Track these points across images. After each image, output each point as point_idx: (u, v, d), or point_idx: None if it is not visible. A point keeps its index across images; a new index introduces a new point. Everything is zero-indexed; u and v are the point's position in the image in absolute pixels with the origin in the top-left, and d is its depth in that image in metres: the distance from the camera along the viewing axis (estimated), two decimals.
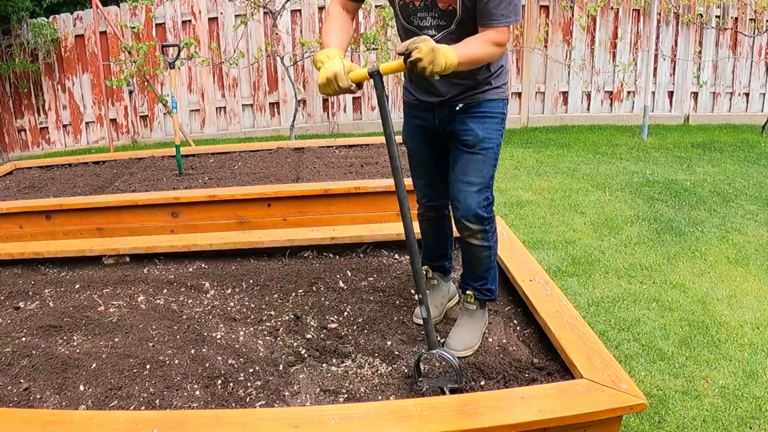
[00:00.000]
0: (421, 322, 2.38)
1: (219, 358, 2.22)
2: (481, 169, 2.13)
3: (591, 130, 7.36)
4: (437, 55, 1.77)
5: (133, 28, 7.01)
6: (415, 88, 2.23)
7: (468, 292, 2.30)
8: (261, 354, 2.26)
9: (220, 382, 2.09)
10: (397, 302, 2.61)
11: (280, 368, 2.17)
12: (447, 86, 2.11)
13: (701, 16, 7.48)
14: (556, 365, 2.08)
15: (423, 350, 2.08)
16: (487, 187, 2.15)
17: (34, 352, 2.28)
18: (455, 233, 2.42)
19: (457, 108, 2.15)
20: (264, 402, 2.00)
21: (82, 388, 2.08)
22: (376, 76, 1.87)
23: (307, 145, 5.04)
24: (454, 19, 2.02)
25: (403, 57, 1.80)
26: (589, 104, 7.72)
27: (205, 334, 2.38)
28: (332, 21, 2.12)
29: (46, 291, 2.81)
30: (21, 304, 2.69)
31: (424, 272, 2.51)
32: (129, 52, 6.59)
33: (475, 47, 1.94)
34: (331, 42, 2.02)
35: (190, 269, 2.96)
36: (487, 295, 2.31)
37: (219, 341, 2.33)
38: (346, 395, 2.02)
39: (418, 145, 2.31)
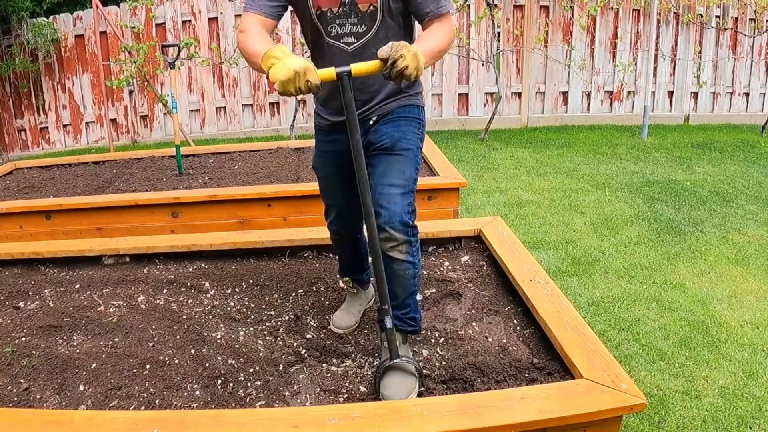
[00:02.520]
0: (338, 331, 2.38)
1: (219, 358, 2.22)
2: (403, 171, 1.99)
3: (591, 130, 7.36)
4: (419, 59, 1.72)
5: (133, 28, 7.00)
6: (330, 112, 2.12)
7: (389, 326, 1.97)
8: (261, 354, 2.26)
9: (220, 382, 2.09)
10: None
11: (280, 368, 2.17)
12: (366, 97, 2.02)
13: (701, 16, 7.48)
14: (556, 365, 2.08)
15: (385, 361, 1.99)
16: (411, 191, 2.00)
17: (34, 352, 2.28)
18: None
19: (371, 122, 2.07)
20: (264, 402, 2.00)
21: (82, 388, 2.08)
22: (345, 77, 1.77)
23: (307, 145, 5.04)
24: (375, 22, 1.95)
25: (383, 62, 1.72)
26: (589, 104, 7.72)
27: (205, 334, 2.38)
28: (255, 35, 1.92)
29: (46, 291, 2.81)
30: (21, 304, 2.69)
31: (345, 281, 2.51)
32: (129, 52, 6.59)
33: (433, 40, 1.88)
34: (267, 46, 1.82)
35: (190, 269, 2.96)
36: (411, 325, 2.09)
37: (219, 341, 2.33)
38: (346, 395, 2.02)
39: (330, 171, 2.21)
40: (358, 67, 1.77)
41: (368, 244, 1.93)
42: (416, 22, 2.08)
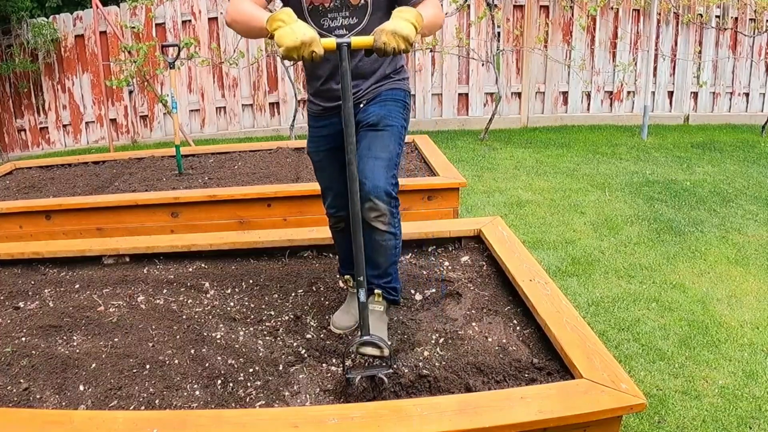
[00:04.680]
0: (338, 331, 2.38)
1: (219, 358, 2.22)
2: (387, 145, 2.09)
3: (591, 130, 7.36)
4: (398, 38, 1.79)
5: (133, 28, 7.00)
6: (322, 99, 2.22)
7: (376, 291, 2.17)
8: (261, 354, 2.26)
9: (220, 382, 2.09)
10: None
11: (280, 368, 2.17)
12: (357, 83, 2.12)
13: (701, 16, 7.48)
14: (556, 365, 2.08)
15: (356, 340, 2.01)
16: (395, 165, 2.10)
17: (34, 352, 2.28)
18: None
19: (361, 105, 2.17)
20: (264, 402, 2.00)
21: (82, 388, 2.08)
22: (344, 47, 1.86)
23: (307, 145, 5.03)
24: (365, 15, 2.04)
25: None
26: (589, 104, 7.72)
27: (205, 334, 2.38)
28: (248, 5, 1.97)
29: (46, 291, 2.81)
30: (21, 304, 2.69)
31: (345, 280, 2.51)
32: (129, 52, 6.59)
33: (431, 9, 1.95)
34: (265, 12, 1.89)
35: (190, 269, 2.96)
36: (392, 295, 2.22)
37: (219, 341, 2.33)
38: (346, 395, 2.02)
39: (324, 155, 2.29)
40: (356, 40, 1.88)
41: (350, 212, 1.97)
42: None
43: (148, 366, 2.18)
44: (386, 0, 2.07)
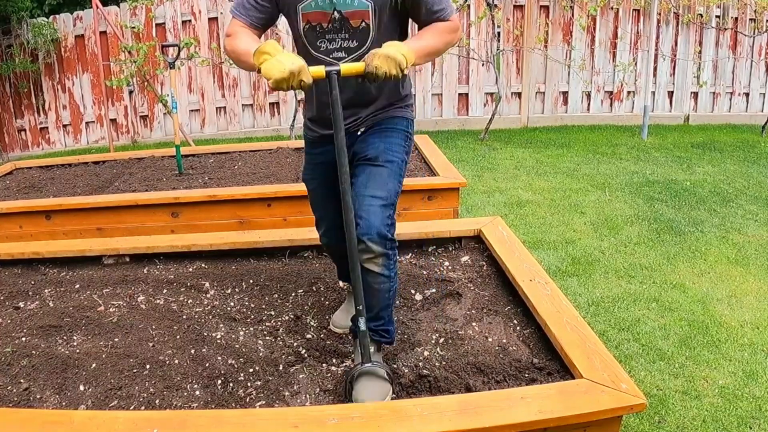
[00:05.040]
0: (338, 330, 2.39)
1: (219, 358, 2.22)
2: (386, 183, 1.97)
3: (591, 130, 7.36)
4: (390, 61, 1.76)
5: (133, 28, 7.00)
6: (318, 125, 2.15)
7: (362, 329, 2.00)
8: (261, 354, 2.26)
9: (220, 382, 2.09)
10: (397, 302, 2.61)
11: (280, 368, 2.17)
12: (350, 112, 2.03)
13: (701, 16, 7.48)
14: (556, 365, 2.08)
15: (358, 366, 1.96)
16: (392, 204, 1.98)
17: (34, 352, 2.28)
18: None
19: (359, 132, 2.09)
20: (264, 402, 2.00)
21: (82, 388, 2.08)
22: (333, 75, 1.83)
23: None
24: (367, 38, 1.95)
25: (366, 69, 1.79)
26: (589, 104, 7.72)
27: (205, 334, 2.38)
28: (243, 36, 1.97)
29: (46, 291, 2.81)
30: (21, 304, 2.69)
31: (343, 285, 2.50)
32: (129, 52, 6.59)
33: (430, 38, 1.90)
34: (256, 44, 1.85)
35: (190, 269, 2.96)
36: (384, 337, 2.09)
37: (219, 341, 2.33)
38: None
39: (319, 183, 2.22)
40: (346, 67, 1.83)
41: (347, 244, 1.92)
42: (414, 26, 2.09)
43: (148, 366, 2.18)
44: (394, 24, 1.98)
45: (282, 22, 6.97)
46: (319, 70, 1.81)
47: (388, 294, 2.03)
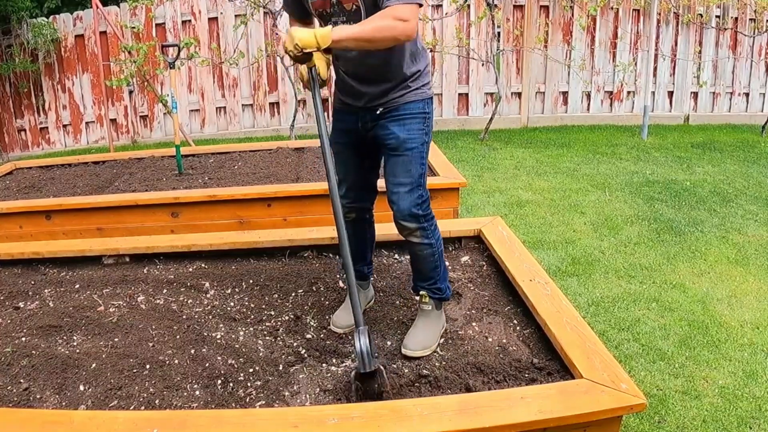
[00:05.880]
0: (338, 330, 2.41)
1: (219, 358, 2.22)
2: (409, 169, 2.19)
3: (591, 130, 7.36)
4: (288, 39, 1.99)
5: (133, 28, 7.00)
6: (342, 93, 2.33)
7: (421, 293, 2.34)
8: (261, 354, 2.26)
9: (220, 382, 2.09)
10: (397, 302, 2.61)
11: (280, 368, 2.17)
12: (365, 86, 2.20)
13: (701, 16, 7.48)
14: (556, 365, 2.08)
15: (361, 370, 1.96)
16: (419, 185, 2.20)
17: (34, 352, 2.28)
18: (376, 238, 2.58)
19: (378, 112, 2.22)
20: (264, 402, 2.00)
21: (82, 388, 2.08)
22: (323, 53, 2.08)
23: (307, 145, 5.04)
24: (360, 19, 2.09)
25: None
26: (589, 104, 7.72)
27: (205, 334, 2.38)
28: (294, 26, 2.24)
29: (46, 291, 2.81)
30: (21, 304, 2.69)
31: (343, 285, 2.55)
32: (129, 52, 6.59)
33: (366, 23, 2.00)
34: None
35: (190, 269, 2.96)
36: (438, 294, 2.34)
37: (219, 341, 2.33)
38: (346, 395, 2.02)
39: (342, 147, 2.37)
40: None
41: (333, 206, 2.07)
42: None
43: (148, 366, 2.18)
44: (379, 5, 2.12)
45: (282, 21, 6.99)
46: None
47: (434, 257, 2.29)
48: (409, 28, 1.97)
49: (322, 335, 2.38)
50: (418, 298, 2.37)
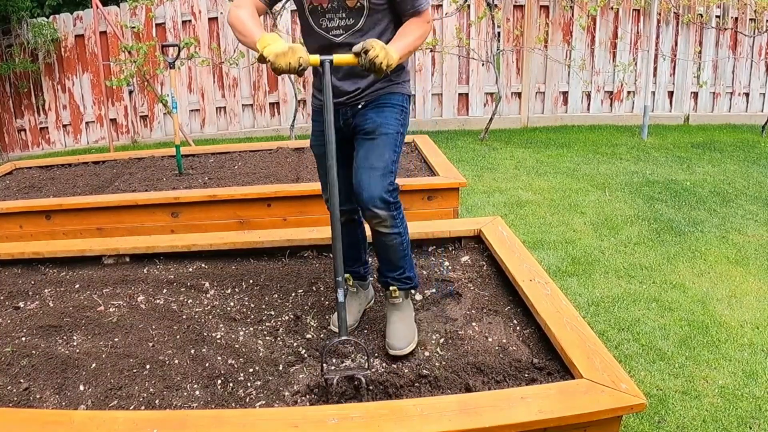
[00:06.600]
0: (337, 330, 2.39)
1: (219, 358, 2.22)
2: (383, 154, 2.18)
3: (591, 130, 7.36)
4: (388, 51, 1.96)
5: (133, 28, 7.00)
6: (322, 94, 2.29)
7: (391, 288, 2.33)
8: (261, 354, 2.26)
9: (220, 382, 2.09)
10: None
11: (280, 368, 2.17)
12: (351, 84, 2.21)
13: (701, 16, 7.48)
14: (556, 365, 2.08)
15: (335, 339, 2.06)
16: (390, 171, 2.19)
17: (34, 352, 2.28)
18: (368, 238, 2.50)
19: (359, 106, 2.24)
20: (264, 402, 2.00)
21: (82, 388, 2.08)
22: (327, 63, 2.02)
23: (307, 145, 5.04)
24: (362, 16, 2.12)
25: (358, 55, 1.97)
26: (589, 104, 7.72)
27: (205, 334, 2.38)
28: (249, 18, 2.12)
29: (46, 291, 2.81)
30: (21, 304, 2.69)
31: (344, 279, 2.53)
32: (129, 52, 6.59)
33: (407, 37, 2.08)
34: (260, 31, 2.06)
35: (190, 269, 2.96)
36: (407, 283, 2.35)
37: (219, 341, 2.33)
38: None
39: (322, 150, 2.33)
40: (339, 58, 2.04)
41: (330, 217, 2.09)
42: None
43: (148, 366, 2.18)
44: (383, 4, 2.14)
45: (282, 21, 6.99)
46: (315, 59, 2.01)
47: (402, 247, 2.28)
48: (431, 27, 2.11)
49: (322, 335, 2.38)
50: (387, 292, 2.35)
